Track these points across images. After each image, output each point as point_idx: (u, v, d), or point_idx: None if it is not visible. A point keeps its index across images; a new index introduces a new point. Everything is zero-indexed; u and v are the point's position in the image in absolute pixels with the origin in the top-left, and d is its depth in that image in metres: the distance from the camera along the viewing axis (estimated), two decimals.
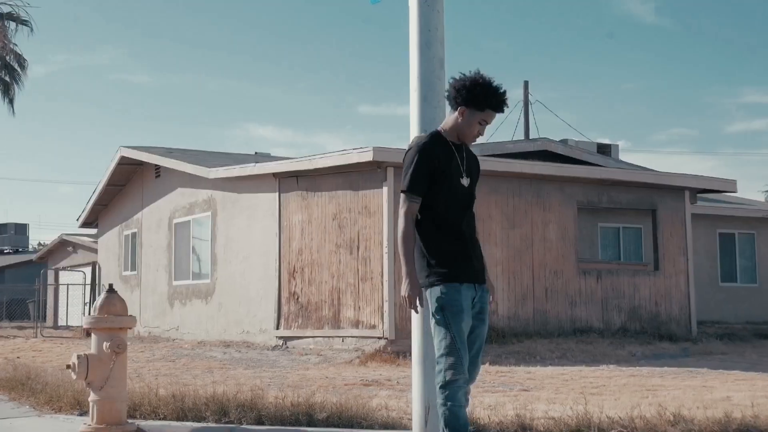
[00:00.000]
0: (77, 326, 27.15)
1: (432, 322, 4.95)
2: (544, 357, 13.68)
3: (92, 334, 6.66)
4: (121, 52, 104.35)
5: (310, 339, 15.57)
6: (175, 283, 20.51)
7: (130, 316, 6.71)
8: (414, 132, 5.87)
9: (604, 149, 23.41)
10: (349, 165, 14.94)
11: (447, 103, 5.14)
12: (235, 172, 17.75)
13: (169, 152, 21.40)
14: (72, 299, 28.52)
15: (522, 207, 16.07)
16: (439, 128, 5.13)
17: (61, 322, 30.45)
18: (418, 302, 4.89)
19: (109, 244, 24.48)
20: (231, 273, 18.23)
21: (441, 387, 4.82)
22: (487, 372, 11.20)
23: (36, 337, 22.76)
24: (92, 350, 6.62)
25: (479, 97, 4.94)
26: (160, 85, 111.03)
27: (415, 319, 5.82)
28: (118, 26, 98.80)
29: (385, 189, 14.51)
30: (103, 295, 6.68)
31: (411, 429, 6.04)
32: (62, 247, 33.12)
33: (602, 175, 17.30)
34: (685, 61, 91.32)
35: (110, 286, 6.77)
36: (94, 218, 25.05)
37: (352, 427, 6.38)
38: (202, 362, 13.82)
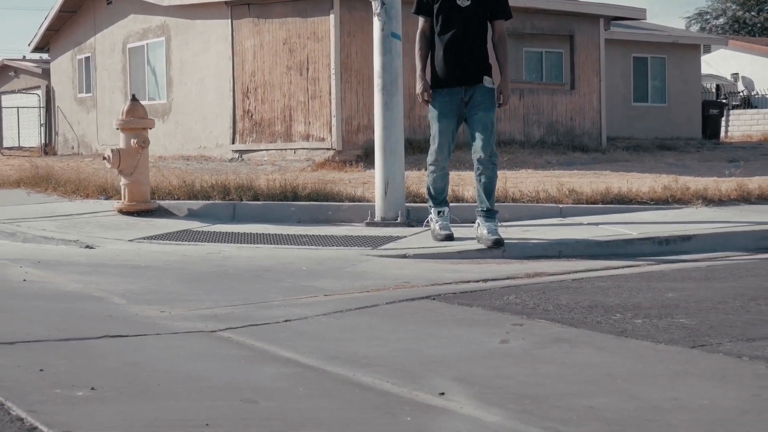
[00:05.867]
0: (30, 147, 28.62)
1: None
2: (472, 164, 15.68)
3: (121, 133, 8.45)
4: None
5: (264, 152, 17.41)
6: None
7: (150, 118, 8.52)
8: None
9: None
10: None
11: None
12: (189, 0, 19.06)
13: None
14: (23, 122, 29.74)
15: None
16: None
17: (8, 143, 31.67)
18: (426, 96, 6.74)
19: (63, 67, 25.63)
20: (186, 94, 19.79)
21: (428, 166, 6.94)
22: (422, 175, 13.22)
23: None
24: (121, 145, 8.43)
25: None
26: None
27: (377, 115, 7.72)
28: None
29: (332, 16, 16.08)
30: (127, 103, 8.44)
31: (373, 201, 8.05)
32: (4, 72, 33.95)
33: (525, 4, 18.99)
34: None
35: (133, 95, 8.55)
36: (46, 43, 26.06)
37: (327, 200, 8.38)
38: (170, 172, 15.51)
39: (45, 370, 3.32)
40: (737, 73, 37.64)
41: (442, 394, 3.07)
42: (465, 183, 11.19)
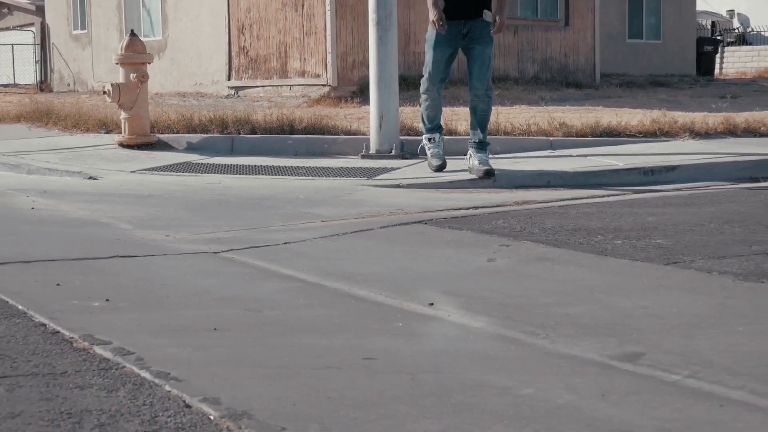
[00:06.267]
0: (26, 84, 28.61)
1: None
2: (466, 100, 15.62)
3: (120, 68, 8.61)
4: None
5: (260, 88, 17.53)
6: None
7: (149, 53, 8.68)
8: None
9: None
10: None
11: None
12: None
13: None
14: (18, 59, 29.71)
15: None
16: None
17: (2, 81, 31.60)
18: (442, 23, 6.74)
19: (57, 3, 25.56)
20: (182, 30, 19.83)
21: (421, 95, 7.17)
22: (416, 110, 13.38)
23: None
24: (121, 80, 8.59)
25: None
26: None
27: (372, 50, 7.89)
28: None
29: None
30: (126, 38, 8.60)
31: (368, 134, 8.25)
32: None
33: None
34: None
35: (132, 31, 8.70)
36: None
37: (323, 134, 8.58)
38: (167, 108, 15.66)
39: (62, 285, 3.57)
40: (733, 10, 37.55)
41: (431, 304, 3.32)
42: (459, 118, 11.36)
